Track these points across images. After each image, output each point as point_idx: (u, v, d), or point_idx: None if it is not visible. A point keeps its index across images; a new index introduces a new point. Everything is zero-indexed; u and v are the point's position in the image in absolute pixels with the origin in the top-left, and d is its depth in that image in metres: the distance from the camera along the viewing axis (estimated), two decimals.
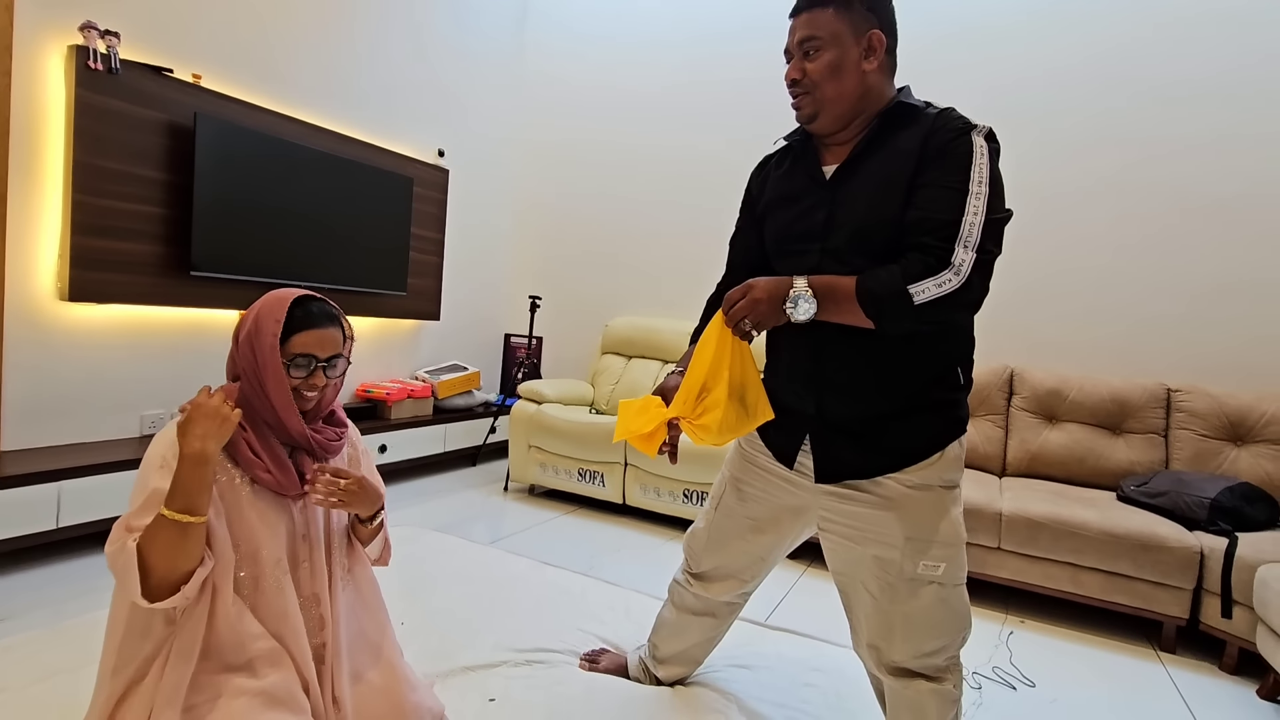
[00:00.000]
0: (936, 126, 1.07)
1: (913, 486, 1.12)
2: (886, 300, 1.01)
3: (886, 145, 1.11)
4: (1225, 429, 2.65)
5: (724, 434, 1.15)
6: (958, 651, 1.19)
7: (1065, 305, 3.13)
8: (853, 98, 1.13)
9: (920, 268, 1.00)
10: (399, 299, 3.70)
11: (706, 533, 1.44)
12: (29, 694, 1.39)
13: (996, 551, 2.42)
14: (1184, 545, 2.15)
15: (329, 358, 1.15)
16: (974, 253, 0.99)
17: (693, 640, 1.53)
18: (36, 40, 2.25)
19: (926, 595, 1.13)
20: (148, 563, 0.97)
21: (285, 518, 1.14)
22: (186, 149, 2.60)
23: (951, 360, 1.15)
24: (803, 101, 1.16)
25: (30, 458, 2.21)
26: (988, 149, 1.05)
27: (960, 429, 1.15)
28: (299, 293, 1.15)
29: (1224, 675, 2.08)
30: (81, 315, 2.45)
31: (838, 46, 1.11)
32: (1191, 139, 2.90)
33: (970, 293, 0.99)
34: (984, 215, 1.00)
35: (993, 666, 1.99)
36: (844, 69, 1.11)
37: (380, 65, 3.54)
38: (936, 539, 1.12)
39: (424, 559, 2.28)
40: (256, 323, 1.10)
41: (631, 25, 4.18)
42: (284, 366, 1.10)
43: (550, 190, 4.52)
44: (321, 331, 1.13)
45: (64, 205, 2.33)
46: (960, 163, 1.03)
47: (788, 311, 1.07)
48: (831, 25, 1.11)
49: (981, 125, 1.07)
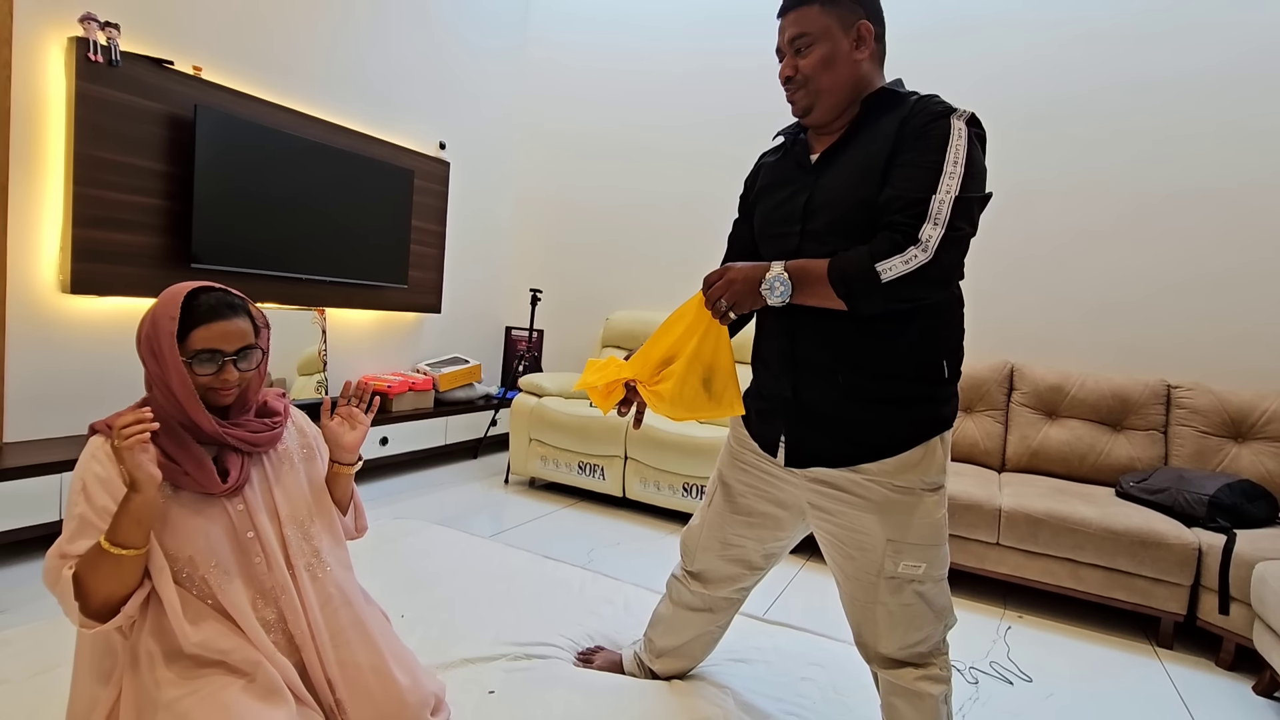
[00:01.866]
0: (916, 110, 1.08)
1: (895, 489, 1.12)
2: (855, 279, 1.02)
3: (868, 130, 1.12)
4: (1226, 426, 2.64)
5: (678, 408, 1.16)
6: (943, 637, 1.20)
7: (1066, 301, 3.12)
8: (846, 88, 1.14)
9: (888, 245, 1.00)
10: (400, 291, 3.70)
11: (701, 530, 1.44)
12: (30, 686, 1.40)
13: (996, 547, 2.42)
14: (1183, 542, 2.16)
15: (238, 350, 1.09)
16: (943, 229, 0.99)
17: (690, 635, 1.53)
18: (36, 32, 2.25)
19: (908, 593, 1.15)
20: (86, 589, 0.96)
21: (220, 519, 1.09)
22: (187, 140, 2.59)
23: (935, 351, 1.13)
24: (797, 96, 1.17)
25: (32, 449, 2.21)
26: (967, 132, 1.04)
27: (943, 425, 1.14)
28: (194, 285, 1.11)
29: (1220, 671, 2.09)
30: (82, 307, 2.45)
31: (828, 40, 1.12)
32: (1196, 134, 2.88)
33: (937, 269, 0.99)
34: (956, 194, 1.00)
35: (990, 661, 2.00)
36: (836, 61, 1.13)
37: (381, 57, 3.53)
38: (918, 541, 1.13)
39: (425, 552, 2.29)
40: (153, 323, 1.05)
41: (636, 15, 4.16)
42: (186, 364, 1.04)
43: (551, 183, 4.50)
44: (224, 324, 1.08)
45: (65, 197, 2.33)
46: (935, 143, 1.03)
47: (764, 294, 1.08)
48: (820, 20, 1.12)
49: (963, 110, 1.06)
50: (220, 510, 1.10)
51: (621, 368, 1.23)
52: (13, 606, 1.83)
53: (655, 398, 1.18)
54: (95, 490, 1.01)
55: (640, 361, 1.22)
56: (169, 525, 1.05)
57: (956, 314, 1.16)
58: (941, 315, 1.13)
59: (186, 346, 1.06)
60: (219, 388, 1.09)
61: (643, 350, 1.23)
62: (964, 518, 2.43)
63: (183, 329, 1.06)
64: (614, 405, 1.25)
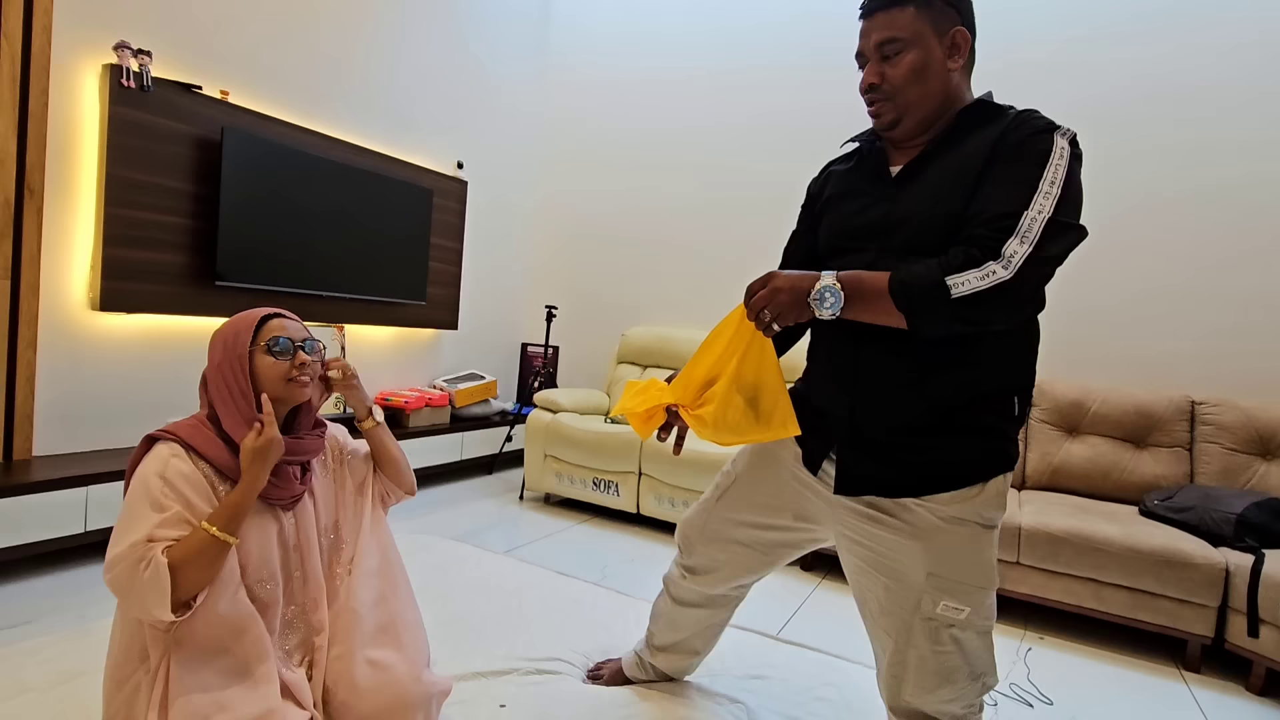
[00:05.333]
0: (1016, 124, 0.99)
1: (946, 519, 1.01)
2: (919, 292, 0.91)
3: (960, 143, 1.03)
4: (1254, 443, 2.59)
5: (722, 431, 1.08)
6: (977, 700, 1.08)
7: (1087, 315, 3.08)
8: (937, 100, 1.05)
9: (962, 258, 0.91)
10: (418, 308, 3.76)
11: (704, 522, 1.36)
12: (53, 695, 1.42)
13: (1016, 566, 2.38)
14: (1209, 562, 2.10)
15: (304, 340, 1.21)
16: (1030, 247, 0.88)
17: (690, 630, 1.46)
18: (72, 60, 2.34)
19: (945, 639, 1.03)
20: (177, 578, 0.98)
21: (274, 530, 1.15)
22: (213, 162, 2.67)
23: (1006, 385, 1.03)
24: (882, 109, 1.07)
25: (60, 463, 2.27)
26: (1069, 152, 0.95)
27: (1007, 464, 1.04)
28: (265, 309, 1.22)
29: (1251, 696, 2.02)
30: (111, 324, 2.52)
31: (921, 47, 1.02)
32: (1220, 144, 2.85)
33: (1017, 291, 0.88)
34: (1050, 214, 0.90)
35: (1010, 683, 1.96)
36: (929, 71, 1.03)
37: (401, 79, 3.61)
38: (963, 580, 1.02)
39: (439, 567, 2.30)
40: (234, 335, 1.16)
41: (655, 34, 4.22)
42: (265, 352, 1.15)
43: (567, 200, 4.56)
44: (283, 320, 1.21)
45: (96, 217, 2.41)
46: (1034, 159, 0.94)
47: (812, 305, 0.98)
48: (913, 24, 1.02)
49: (1067, 129, 0.96)
50: (274, 522, 1.16)
51: (663, 392, 1.16)
52: (38, 616, 1.87)
53: (698, 422, 1.10)
54: (181, 484, 1.05)
55: (682, 384, 1.14)
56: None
57: (1033, 348, 1.06)
58: (1019, 345, 1.04)
59: (259, 340, 1.16)
60: (297, 376, 1.17)
61: (684, 372, 1.16)
62: None
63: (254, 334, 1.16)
64: (654, 431, 1.18)
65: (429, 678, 1.23)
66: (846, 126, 3.81)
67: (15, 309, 2.25)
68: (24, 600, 1.96)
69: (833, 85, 3.62)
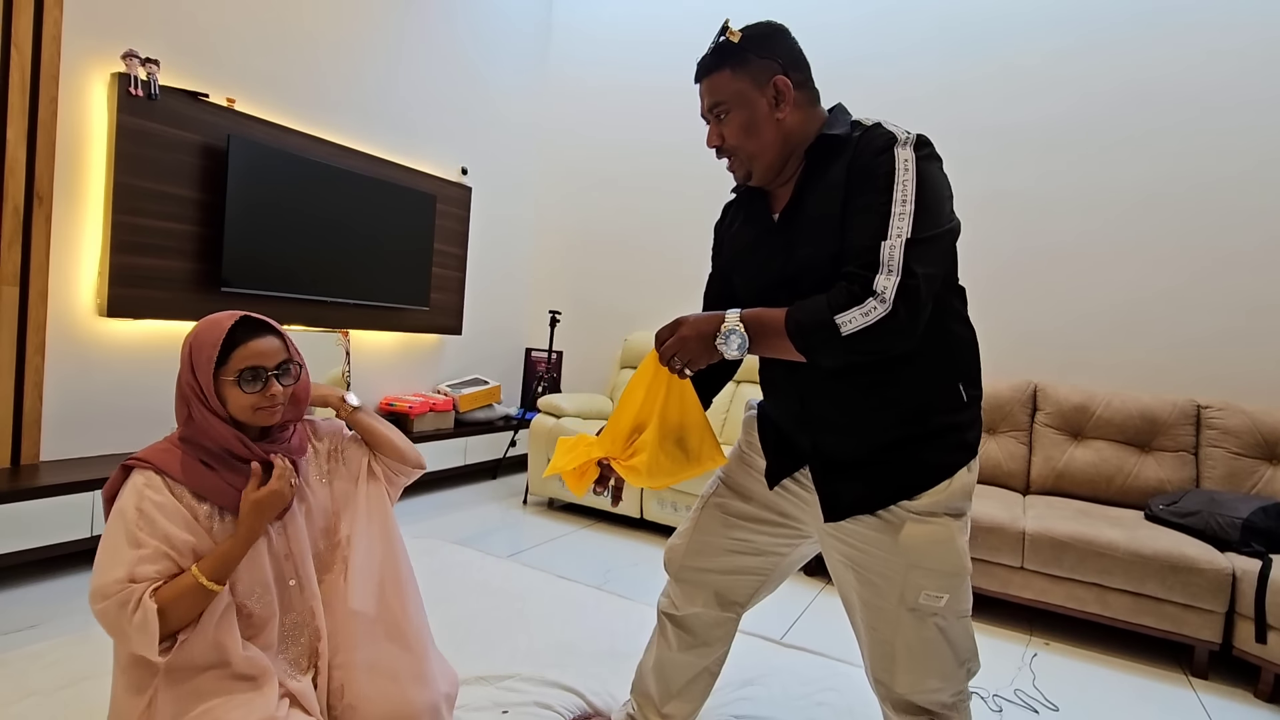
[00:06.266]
0: (859, 149, 1.02)
1: (919, 514, 1.06)
2: (812, 331, 0.97)
3: (820, 180, 1.07)
4: (1260, 447, 2.57)
5: (656, 477, 1.10)
6: (965, 686, 1.12)
7: (1091, 320, 3.07)
8: (775, 149, 1.09)
9: (845, 297, 0.95)
10: (422, 313, 3.77)
11: (691, 534, 1.32)
12: (58, 699, 1.43)
13: (1020, 571, 2.37)
14: (1215, 567, 2.09)
15: (279, 365, 1.13)
16: (898, 276, 0.93)
17: (687, 677, 1.38)
18: (81, 68, 2.37)
19: (928, 627, 1.07)
20: (163, 618, 0.99)
21: (262, 542, 1.13)
22: (219, 169, 2.69)
23: (950, 378, 1.08)
24: (732, 165, 1.14)
25: (67, 468, 2.29)
26: (914, 162, 0.98)
27: (969, 453, 1.08)
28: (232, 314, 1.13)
29: (1259, 703, 2.01)
30: (118, 330, 2.54)
31: (744, 105, 1.08)
32: (1224, 149, 2.85)
33: (897, 320, 0.93)
34: (908, 235, 0.94)
35: (1015, 689, 1.95)
36: (757, 125, 1.08)
37: (404, 86, 3.64)
38: (940, 569, 1.06)
39: (443, 571, 2.31)
40: (196, 348, 1.09)
41: (657, 41, 4.24)
42: (234, 384, 1.08)
43: (571, 205, 4.57)
44: (260, 342, 1.11)
45: (104, 224, 2.43)
46: (882, 184, 0.98)
47: (720, 348, 1.02)
48: (732, 85, 1.07)
49: (907, 136, 1.00)
50: (262, 534, 1.13)
51: (591, 446, 1.16)
52: (44, 620, 1.88)
53: (632, 473, 1.11)
54: (156, 516, 1.03)
55: (610, 436, 1.15)
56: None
57: (962, 336, 1.11)
58: (946, 341, 1.07)
59: (229, 368, 1.08)
60: (266, 405, 1.11)
61: (610, 423, 1.17)
62: (987, 540, 2.38)
63: (222, 353, 1.09)
64: (589, 486, 1.18)
65: (434, 682, 1.21)
66: None
67: (24, 315, 2.27)
68: (30, 604, 1.97)
69: (831, 93, 3.62)
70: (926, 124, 3.37)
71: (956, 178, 1.07)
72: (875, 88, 3.52)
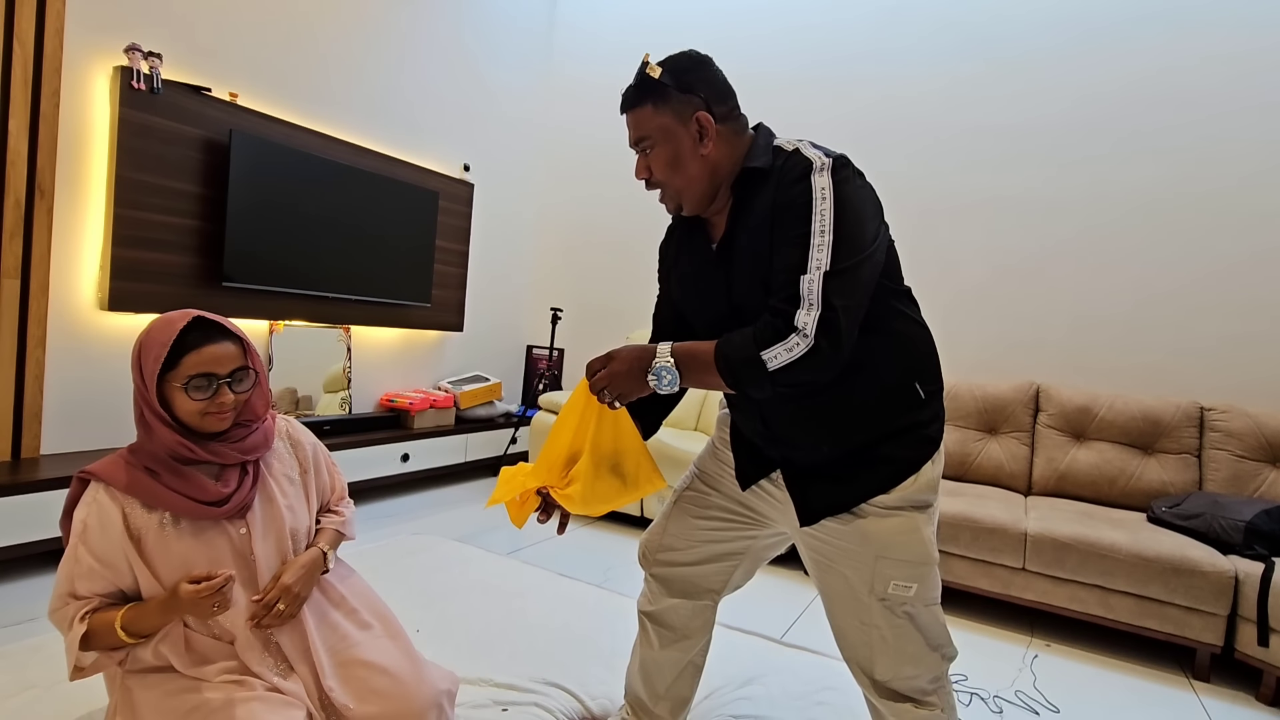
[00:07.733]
0: (780, 178, 1.02)
1: (887, 509, 1.09)
2: (740, 367, 0.98)
3: (749, 212, 1.07)
4: (1263, 449, 2.56)
5: (593, 504, 1.11)
6: (942, 672, 1.15)
7: (1093, 321, 3.06)
8: (702, 182, 1.09)
9: (770, 332, 0.96)
10: (423, 310, 3.77)
11: (664, 528, 1.34)
12: (55, 692, 1.43)
13: (1021, 572, 2.36)
14: (1218, 569, 2.08)
15: (232, 372, 1.09)
16: (818, 309, 0.93)
17: (673, 673, 1.38)
18: (84, 62, 2.36)
19: (898, 616, 1.10)
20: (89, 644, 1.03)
21: (222, 544, 1.11)
22: (221, 164, 2.69)
23: (905, 378, 1.09)
24: (662, 197, 1.13)
25: (67, 461, 2.28)
26: (831, 186, 0.97)
27: (931, 447, 1.10)
28: (186, 313, 1.09)
29: (1261, 706, 2.00)
30: (118, 324, 2.53)
31: (668, 140, 1.07)
32: (1227, 152, 2.83)
33: (819, 355, 0.94)
34: (826, 268, 0.94)
35: (1016, 690, 1.94)
36: (681, 159, 1.07)
37: (408, 82, 3.63)
38: (907, 559, 1.09)
39: (442, 568, 2.30)
40: (143, 349, 1.06)
41: (660, 38, 4.23)
42: (181, 390, 1.05)
43: (573, 203, 4.57)
44: (215, 348, 1.07)
45: (106, 218, 2.43)
46: (800, 214, 0.97)
47: (651, 384, 1.03)
48: (654, 120, 1.07)
49: (824, 160, 0.99)
50: (222, 535, 1.11)
51: (528, 476, 1.16)
52: (43, 614, 1.87)
53: (568, 501, 1.11)
54: (94, 536, 1.04)
55: (545, 466, 1.15)
56: (170, 558, 1.06)
57: (911, 335, 1.11)
58: (896, 344, 1.08)
59: (178, 373, 1.05)
60: (215, 412, 1.07)
61: (544, 452, 1.16)
62: (988, 542, 2.38)
63: (173, 356, 1.05)
64: (529, 516, 1.17)
65: (435, 679, 1.20)
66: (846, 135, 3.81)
67: (25, 308, 2.27)
68: (29, 597, 1.97)
69: (833, 96, 3.62)
70: (930, 124, 3.39)
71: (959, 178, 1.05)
72: (876, 88, 3.51)
